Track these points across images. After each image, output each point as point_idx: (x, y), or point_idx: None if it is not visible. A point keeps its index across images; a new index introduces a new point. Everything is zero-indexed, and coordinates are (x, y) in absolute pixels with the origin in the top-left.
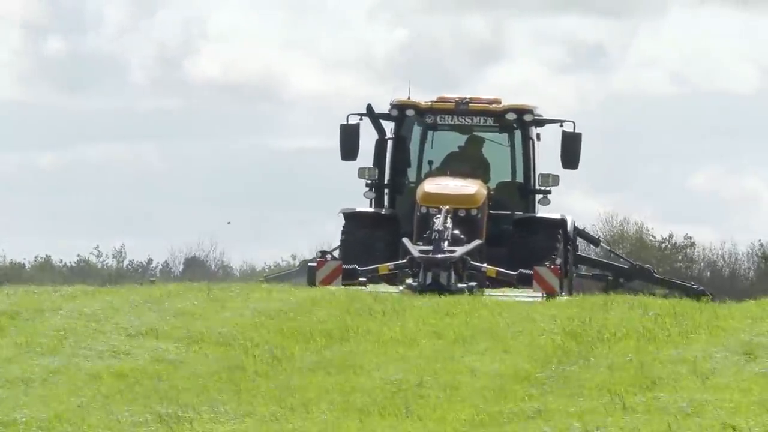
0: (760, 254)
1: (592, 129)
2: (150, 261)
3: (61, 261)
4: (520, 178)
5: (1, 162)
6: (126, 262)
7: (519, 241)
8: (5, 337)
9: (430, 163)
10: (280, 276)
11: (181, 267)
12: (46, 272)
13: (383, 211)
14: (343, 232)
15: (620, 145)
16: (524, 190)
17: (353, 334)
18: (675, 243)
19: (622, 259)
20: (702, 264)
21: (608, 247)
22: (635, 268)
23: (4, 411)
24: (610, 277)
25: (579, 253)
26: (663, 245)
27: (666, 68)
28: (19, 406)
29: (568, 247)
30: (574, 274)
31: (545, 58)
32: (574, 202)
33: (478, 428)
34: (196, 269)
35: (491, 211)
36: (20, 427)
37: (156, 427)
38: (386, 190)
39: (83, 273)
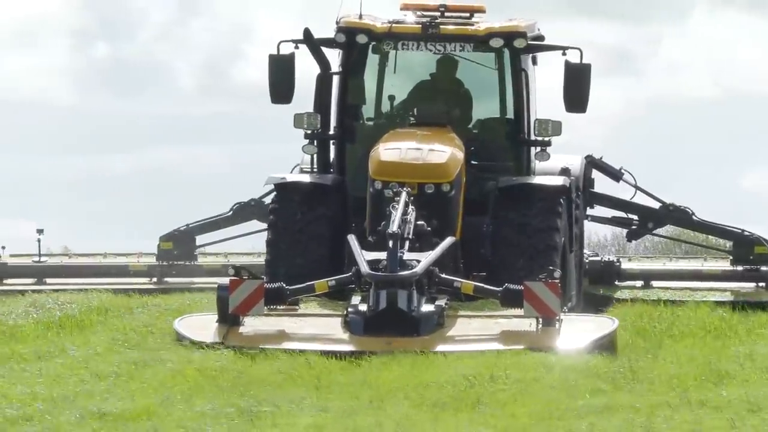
0: None
1: (635, 132)
2: None
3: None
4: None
5: (68, 166)
6: None
7: (502, 220)
8: (96, 333)
9: (392, 99)
10: (212, 222)
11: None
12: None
13: (325, 182)
14: (271, 211)
15: (664, 149)
16: (515, 138)
17: None
18: None
19: (652, 198)
20: None
21: (634, 183)
22: (669, 210)
23: (94, 403)
24: (635, 222)
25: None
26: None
27: (700, 72)
28: (108, 399)
29: (577, 204)
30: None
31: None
32: None
33: (548, 423)
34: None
35: (473, 161)
36: (109, 419)
37: (237, 420)
38: (332, 142)
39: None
